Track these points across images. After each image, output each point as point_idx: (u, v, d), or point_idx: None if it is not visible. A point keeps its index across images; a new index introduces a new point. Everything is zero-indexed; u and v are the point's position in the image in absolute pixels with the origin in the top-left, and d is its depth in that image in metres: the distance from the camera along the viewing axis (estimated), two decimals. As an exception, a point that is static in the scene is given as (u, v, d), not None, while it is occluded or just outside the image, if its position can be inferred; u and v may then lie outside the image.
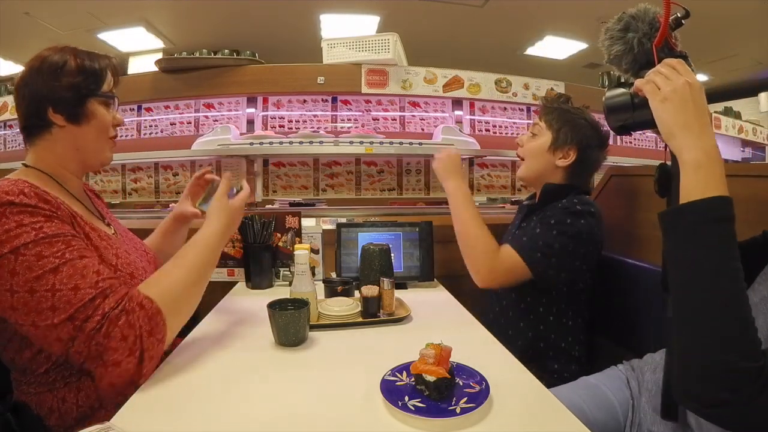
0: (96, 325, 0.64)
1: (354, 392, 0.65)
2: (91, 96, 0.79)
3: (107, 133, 0.83)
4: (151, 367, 0.69)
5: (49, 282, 0.63)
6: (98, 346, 0.64)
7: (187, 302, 0.77)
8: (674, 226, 0.57)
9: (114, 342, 0.64)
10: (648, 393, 0.80)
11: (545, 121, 1.19)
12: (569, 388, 0.90)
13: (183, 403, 0.62)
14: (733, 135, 3.89)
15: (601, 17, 4.19)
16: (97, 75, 0.80)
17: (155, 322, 0.68)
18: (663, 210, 0.60)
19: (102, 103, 0.81)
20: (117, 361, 0.65)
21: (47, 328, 0.63)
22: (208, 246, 0.84)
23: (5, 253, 0.63)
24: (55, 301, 0.63)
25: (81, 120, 0.79)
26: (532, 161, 1.21)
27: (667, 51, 0.70)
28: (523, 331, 1.15)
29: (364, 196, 2.50)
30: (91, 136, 0.81)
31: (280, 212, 1.35)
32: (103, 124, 0.82)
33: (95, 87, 0.80)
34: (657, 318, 1.10)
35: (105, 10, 3.80)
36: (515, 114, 2.77)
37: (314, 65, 2.33)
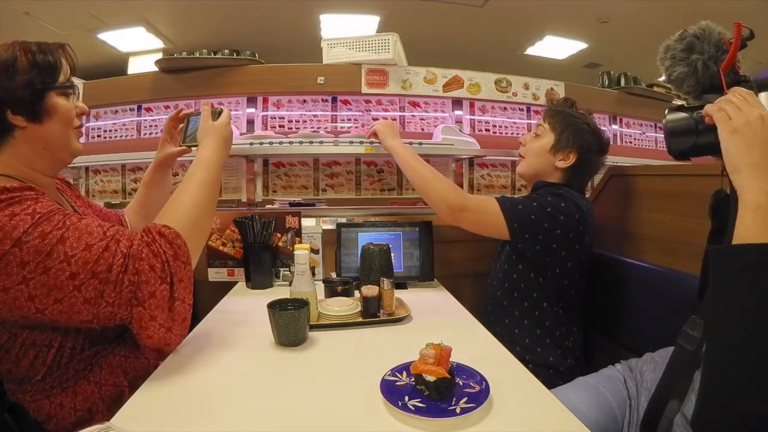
0: (121, 267, 0.65)
1: (354, 392, 0.65)
2: (49, 90, 0.75)
3: (72, 124, 0.80)
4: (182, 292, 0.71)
5: (60, 253, 0.63)
6: (130, 286, 0.66)
7: (203, 222, 0.80)
8: (725, 265, 0.56)
9: (143, 275, 0.66)
10: (647, 392, 0.79)
11: (549, 123, 1.22)
12: (568, 388, 0.90)
13: (183, 403, 0.62)
14: (733, 135, 3.88)
15: (601, 17, 4.21)
16: (51, 67, 0.75)
17: (177, 245, 0.71)
18: (716, 246, 0.59)
19: (61, 95, 0.77)
20: (152, 292, 0.67)
21: (72, 295, 0.63)
22: (209, 166, 0.86)
23: (9, 249, 0.62)
24: (72, 267, 0.63)
25: (43, 117, 0.75)
26: (532, 159, 1.23)
27: (732, 75, 0.68)
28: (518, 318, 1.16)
29: (364, 196, 2.49)
30: (57, 132, 0.77)
31: (280, 212, 1.35)
32: (66, 116, 0.78)
33: (51, 80, 0.75)
34: (655, 317, 1.10)
35: (105, 10, 3.81)
36: (515, 114, 2.76)
37: (314, 65, 2.33)
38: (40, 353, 0.71)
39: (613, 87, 3.02)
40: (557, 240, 1.08)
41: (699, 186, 1.13)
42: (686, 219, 1.15)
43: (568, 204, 1.09)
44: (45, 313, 0.65)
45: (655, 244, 1.22)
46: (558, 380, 1.07)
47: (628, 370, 0.90)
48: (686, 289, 1.04)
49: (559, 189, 1.14)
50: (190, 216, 0.77)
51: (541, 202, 1.10)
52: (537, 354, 1.12)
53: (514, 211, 1.09)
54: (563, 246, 1.09)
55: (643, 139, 3.27)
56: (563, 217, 1.07)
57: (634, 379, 0.86)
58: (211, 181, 0.85)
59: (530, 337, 1.14)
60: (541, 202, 1.09)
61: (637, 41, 4.58)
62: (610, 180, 1.40)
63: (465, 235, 1.61)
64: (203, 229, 0.81)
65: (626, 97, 2.96)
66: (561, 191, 1.12)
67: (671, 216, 1.19)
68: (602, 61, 5.14)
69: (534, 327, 1.14)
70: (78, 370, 0.74)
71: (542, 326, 1.14)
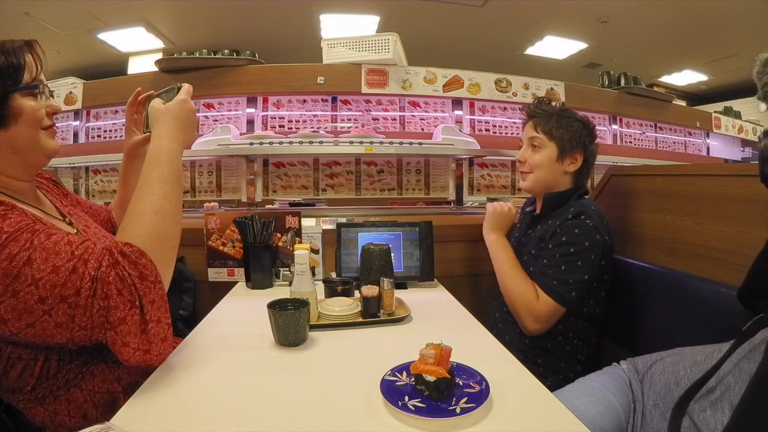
0: (89, 291, 0.61)
1: (354, 392, 0.65)
2: (11, 92, 0.70)
3: (40, 124, 0.75)
4: (155, 313, 0.65)
5: (28, 276, 0.60)
6: (101, 310, 0.62)
7: (169, 229, 0.71)
8: None
9: (112, 300, 0.62)
10: (656, 396, 0.78)
11: (543, 132, 1.17)
12: (571, 391, 0.89)
13: (183, 403, 0.62)
14: (733, 135, 3.89)
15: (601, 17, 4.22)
16: (12, 68, 0.71)
17: (142, 265, 0.64)
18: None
19: (27, 95, 0.73)
20: (122, 318, 0.62)
21: (43, 320, 0.61)
22: (165, 159, 0.75)
23: None
24: (41, 290, 0.60)
25: (7, 122, 0.70)
26: (541, 173, 1.19)
27: None
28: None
29: (364, 196, 2.50)
30: (25, 135, 0.73)
31: (280, 212, 1.35)
32: (33, 118, 0.73)
33: (13, 82, 0.70)
34: (655, 317, 1.10)
35: (105, 10, 3.81)
36: (515, 114, 2.76)
37: (314, 65, 2.33)
38: (27, 366, 0.69)
39: (613, 87, 3.02)
40: (602, 272, 1.09)
41: (699, 186, 1.13)
42: (686, 219, 1.15)
43: (599, 239, 1.07)
44: (19, 336, 0.63)
45: (655, 244, 1.22)
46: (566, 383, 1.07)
47: (633, 370, 0.88)
48: (686, 289, 1.04)
49: (579, 214, 1.10)
50: (152, 227, 0.69)
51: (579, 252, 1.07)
52: (550, 353, 1.13)
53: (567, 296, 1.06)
54: (595, 277, 1.09)
55: (643, 139, 3.27)
56: (593, 257, 1.07)
57: (640, 381, 0.84)
58: (170, 178, 0.74)
59: (541, 337, 1.12)
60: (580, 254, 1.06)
61: (637, 41, 4.58)
62: (610, 180, 1.40)
63: (465, 235, 1.62)
64: (170, 236, 0.72)
65: (626, 97, 2.97)
66: (582, 218, 1.09)
67: (671, 216, 1.19)
68: (602, 61, 5.14)
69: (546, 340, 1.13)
70: (68, 379, 0.72)
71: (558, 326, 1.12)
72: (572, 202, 1.16)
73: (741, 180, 1.01)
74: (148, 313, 0.64)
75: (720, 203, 1.05)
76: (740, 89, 5.66)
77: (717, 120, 3.62)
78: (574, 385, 0.92)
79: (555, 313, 1.08)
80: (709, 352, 0.75)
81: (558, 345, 1.13)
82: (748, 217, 0.98)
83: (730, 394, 0.63)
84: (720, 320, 0.93)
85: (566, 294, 1.06)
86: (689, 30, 4.17)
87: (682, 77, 5.80)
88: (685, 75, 5.73)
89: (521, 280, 1.13)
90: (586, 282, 1.06)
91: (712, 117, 3.60)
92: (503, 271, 1.18)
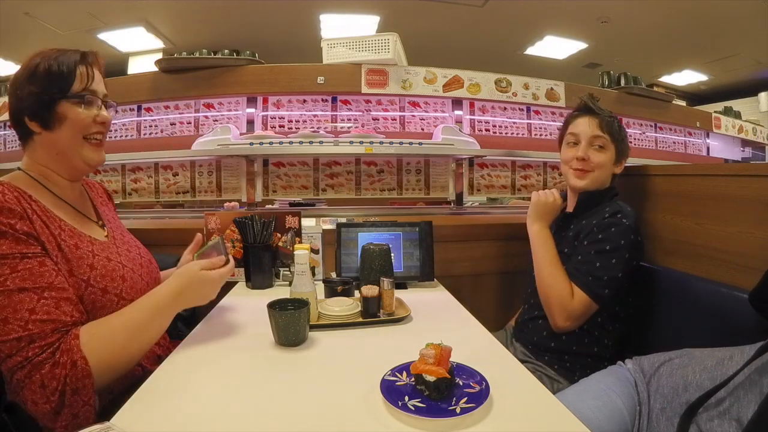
0: (17, 364, 0.64)
1: (354, 392, 0.65)
2: (59, 99, 0.76)
3: (82, 132, 0.80)
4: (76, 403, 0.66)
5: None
6: (19, 382, 0.65)
7: (124, 361, 0.74)
8: None
9: (33, 385, 0.64)
10: (663, 399, 0.76)
11: (608, 133, 1.16)
12: (576, 394, 0.87)
13: (183, 403, 0.62)
14: (733, 135, 3.88)
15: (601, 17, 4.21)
16: (62, 77, 0.77)
17: (83, 384, 0.66)
18: None
19: (76, 104, 0.78)
20: (35, 401, 0.65)
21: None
22: (156, 307, 0.78)
23: None
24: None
25: (53, 125, 0.77)
26: (600, 173, 1.17)
27: None
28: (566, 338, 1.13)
29: (364, 196, 2.49)
30: (67, 139, 0.79)
31: (280, 212, 1.35)
32: (77, 125, 0.79)
33: (60, 90, 0.76)
34: (655, 317, 1.10)
35: (105, 10, 3.81)
36: (515, 114, 2.76)
37: (314, 65, 2.33)
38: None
39: (613, 87, 3.02)
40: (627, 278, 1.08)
41: (699, 186, 1.13)
42: (686, 219, 1.15)
43: (635, 237, 1.07)
44: None
45: (656, 244, 1.22)
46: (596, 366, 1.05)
47: (639, 371, 0.86)
48: (686, 289, 1.04)
49: (616, 213, 1.09)
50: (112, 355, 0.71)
51: (615, 250, 1.06)
52: (574, 353, 1.11)
53: (604, 294, 1.05)
54: (627, 276, 1.08)
55: (643, 139, 3.27)
56: (628, 256, 1.06)
57: (647, 383, 0.83)
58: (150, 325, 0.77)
59: (567, 335, 1.11)
60: (615, 252, 1.06)
61: (637, 41, 4.58)
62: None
63: (465, 235, 1.62)
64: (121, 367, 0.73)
65: (626, 97, 2.96)
66: (619, 217, 1.08)
67: (671, 216, 1.19)
68: (602, 61, 5.14)
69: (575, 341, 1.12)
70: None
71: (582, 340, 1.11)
72: (606, 202, 1.16)
73: (741, 180, 1.01)
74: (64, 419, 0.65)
75: (720, 203, 1.05)
76: (740, 89, 5.66)
77: (717, 120, 3.62)
78: (579, 387, 0.91)
79: (588, 310, 1.07)
80: (719, 359, 0.73)
81: (585, 346, 1.11)
82: (748, 217, 0.98)
83: (738, 407, 0.62)
84: (720, 320, 0.93)
85: (600, 290, 1.05)
86: (689, 30, 4.17)
87: (682, 77, 5.80)
88: (685, 75, 5.73)
89: (560, 276, 1.10)
90: (619, 280, 1.05)
91: (712, 117, 3.59)
92: (544, 265, 1.14)
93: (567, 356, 1.11)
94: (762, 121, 4.79)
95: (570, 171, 1.20)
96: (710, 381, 0.69)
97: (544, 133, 2.81)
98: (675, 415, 0.70)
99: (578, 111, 1.22)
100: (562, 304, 1.07)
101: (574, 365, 1.10)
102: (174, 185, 2.50)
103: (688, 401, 0.69)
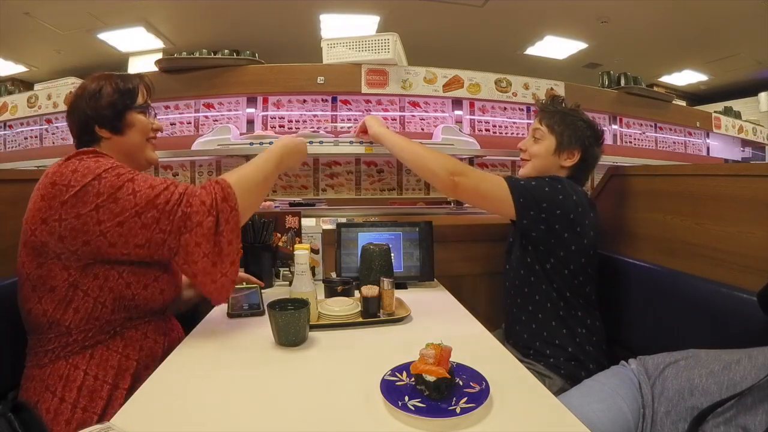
0: (177, 199, 0.80)
1: (354, 392, 0.65)
2: (129, 109, 0.94)
3: (147, 135, 0.98)
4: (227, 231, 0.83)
5: (129, 188, 0.78)
6: (183, 215, 0.79)
7: (254, 193, 0.93)
8: None
9: (195, 207, 0.80)
10: (668, 402, 0.75)
11: (546, 125, 1.22)
12: (581, 397, 0.86)
13: (183, 403, 0.62)
14: (733, 135, 3.88)
15: (601, 17, 4.22)
16: (131, 92, 0.95)
17: (227, 192, 0.84)
18: None
19: (140, 113, 0.96)
20: (199, 221, 0.79)
21: (132, 220, 0.77)
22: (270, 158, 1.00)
23: (90, 181, 0.77)
24: (137, 198, 0.78)
25: (124, 130, 0.94)
26: (537, 162, 1.23)
27: None
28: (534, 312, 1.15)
29: (364, 196, 2.49)
30: (135, 141, 0.96)
31: (280, 212, 1.35)
32: (143, 128, 0.96)
33: (130, 101, 0.94)
34: (655, 317, 1.10)
35: (105, 10, 3.81)
36: (515, 114, 2.76)
37: (314, 65, 2.33)
38: (85, 300, 0.80)
39: (613, 87, 3.02)
40: (559, 221, 1.08)
41: (699, 186, 1.13)
42: (686, 219, 1.15)
43: (565, 187, 1.11)
44: (107, 235, 0.77)
45: (655, 244, 1.22)
46: (581, 370, 1.07)
47: (644, 372, 0.85)
48: (686, 290, 1.04)
49: (558, 178, 1.15)
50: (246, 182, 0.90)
51: (540, 182, 1.11)
52: (557, 346, 1.11)
53: (518, 184, 1.10)
54: (565, 227, 1.08)
55: (643, 139, 3.27)
56: (561, 197, 1.08)
57: (651, 385, 0.81)
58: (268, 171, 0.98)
59: (547, 330, 1.13)
60: (540, 183, 1.11)
61: (637, 41, 4.58)
62: (610, 180, 1.40)
63: (465, 235, 1.62)
64: (253, 198, 0.93)
65: (626, 97, 2.96)
66: (559, 178, 1.14)
67: (671, 216, 1.19)
68: (602, 61, 5.14)
69: (549, 319, 1.13)
70: (105, 332, 0.82)
71: (557, 317, 1.13)
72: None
73: (741, 180, 1.01)
74: (221, 227, 0.82)
75: (720, 203, 1.05)
76: (740, 89, 5.66)
77: (717, 120, 3.62)
78: (583, 389, 0.90)
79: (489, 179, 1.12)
80: (726, 362, 0.72)
81: (565, 337, 1.11)
82: (748, 217, 0.98)
83: (745, 414, 0.62)
84: (720, 320, 0.93)
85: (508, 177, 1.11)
86: (689, 30, 4.17)
87: (682, 77, 5.80)
88: (685, 75, 5.73)
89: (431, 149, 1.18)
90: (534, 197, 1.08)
91: (712, 117, 3.59)
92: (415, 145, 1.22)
93: (550, 351, 1.12)
94: (762, 121, 4.79)
95: None
96: (717, 386, 0.68)
97: (544, 133, 2.81)
98: (680, 419, 0.70)
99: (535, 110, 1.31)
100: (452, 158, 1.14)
101: (558, 359, 1.11)
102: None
103: (693, 406, 0.69)
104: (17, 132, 3.02)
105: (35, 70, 4.96)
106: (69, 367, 0.79)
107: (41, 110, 2.79)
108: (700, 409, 0.67)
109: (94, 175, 0.78)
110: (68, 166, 0.80)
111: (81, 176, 0.78)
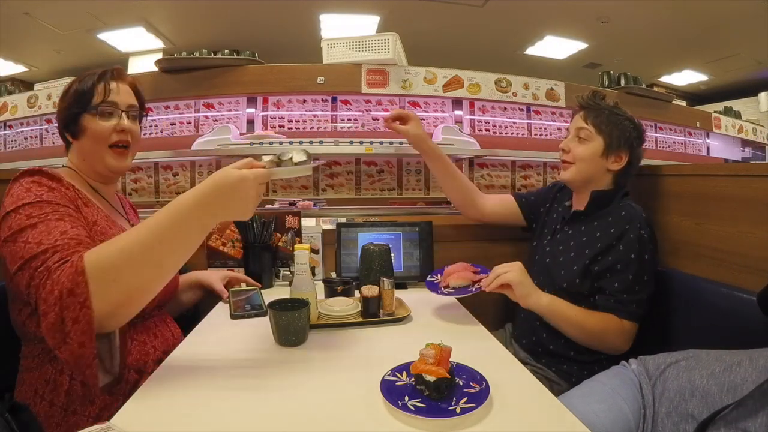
0: (41, 275, 0.67)
1: (354, 392, 0.65)
2: (82, 113, 0.87)
3: (105, 141, 0.89)
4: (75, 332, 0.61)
5: (26, 234, 0.71)
6: (38, 295, 0.66)
7: (127, 275, 0.65)
8: None
9: (44, 293, 0.64)
10: (669, 403, 0.74)
11: (593, 124, 1.12)
12: (581, 397, 0.85)
13: (183, 403, 0.62)
14: (733, 135, 3.88)
15: (601, 17, 4.21)
16: (83, 93, 0.87)
17: (76, 282, 0.62)
18: None
19: (95, 115, 0.87)
20: (45, 312, 0.63)
21: (14, 268, 0.71)
22: (173, 215, 0.67)
23: (10, 211, 0.74)
24: (23, 251, 0.70)
25: (79, 135, 0.88)
26: (583, 166, 1.13)
27: None
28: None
29: (364, 196, 2.49)
30: (89, 147, 0.89)
31: (280, 212, 1.35)
32: (97, 134, 0.88)
33: (81, 105, 0.87)
34: (655, 317, 1.10)
35: (105, 10, 3.80)
36: (515, 114, 2.77)
37: (314, 65, 2.33)
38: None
39: (613, 87, 3.02)
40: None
41: (699, 186, 1.13)
42: (686, 219, 1.15)
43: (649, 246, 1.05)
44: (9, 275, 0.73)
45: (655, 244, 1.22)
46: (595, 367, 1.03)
47: (644, 372, 0.84)
48: (686, 289, 1.04)
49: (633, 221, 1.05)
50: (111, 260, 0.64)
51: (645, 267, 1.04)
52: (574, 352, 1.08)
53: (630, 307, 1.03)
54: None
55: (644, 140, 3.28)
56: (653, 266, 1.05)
57: (652, 386, 0.80)
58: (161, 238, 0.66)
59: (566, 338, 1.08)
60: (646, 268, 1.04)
61: (637, 41, 4.58)
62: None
63: (465, 235, 1.61)
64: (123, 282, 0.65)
65: (626, 97, 2.96)
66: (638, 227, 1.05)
67: (671, 216, 1.19)
68: (602, 61, 5.14)
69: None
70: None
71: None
72: (617, 204, 1.12)
73: (741, 180, 1.01)
74: (68, 328, 0.62)
75: (720, 203, 1.05)
76: (740, 89, 5.66)
77: (717, 120, 3.62)
78: (583, 389, 0.89)
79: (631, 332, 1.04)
80: (727, 364, 0.71)
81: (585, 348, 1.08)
82: (749, 217, 0.98)
83: (746, 419, 0.61)
84: (720, 320, 0.93)
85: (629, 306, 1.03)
86: (689, 30, 4.17)
87: (682, 77, 5.80)
88: (685, 75, 5.73)
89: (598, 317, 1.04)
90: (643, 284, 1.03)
91: (712, 117, 3.59)
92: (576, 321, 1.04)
93: (565, 359, 1.10)
94: (762, 121, 4.78)
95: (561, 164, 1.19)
96: (717, 387, 0.68)
97: (544, 133, 2.81)
98: (681, 420, 0.69)
99: (576, 109, 1.20)
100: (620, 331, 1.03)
101: (572, 368, 1.09)
102: (174, 185, 2.50)
103: (695, 407, 0.68)
104: (17, 132, 3.02)
105: (35, 70, 4.96)
106: (55, 372, 0.77)
107: (41, 110, 2.79)
108: (700, 410, 0.67)
109: (14, 207, 0.74)
110: (14, 186, 0.78)
111: (10, 203, 0.75)
